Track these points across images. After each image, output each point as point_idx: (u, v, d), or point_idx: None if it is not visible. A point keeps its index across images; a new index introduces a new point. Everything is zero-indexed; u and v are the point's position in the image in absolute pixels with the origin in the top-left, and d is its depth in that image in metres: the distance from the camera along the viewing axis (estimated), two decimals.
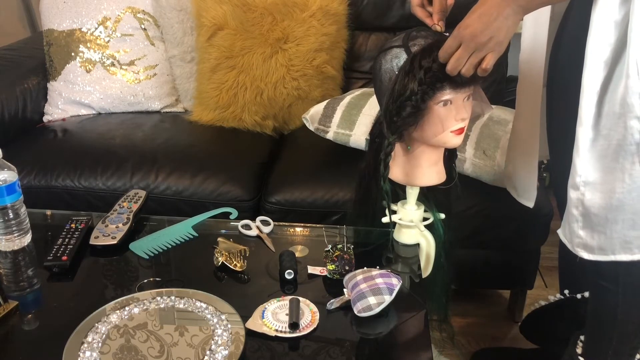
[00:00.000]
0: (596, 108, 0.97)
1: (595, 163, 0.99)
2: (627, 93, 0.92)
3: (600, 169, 0.99)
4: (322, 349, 0.95)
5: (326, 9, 1.88)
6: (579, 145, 0.99)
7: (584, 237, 1.05)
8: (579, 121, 0.99)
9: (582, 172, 1.01)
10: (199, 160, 1.69)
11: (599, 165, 0.99)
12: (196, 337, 0.95)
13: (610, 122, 0.96)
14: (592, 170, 1.00)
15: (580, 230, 1.05)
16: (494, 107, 1.26)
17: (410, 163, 1.15)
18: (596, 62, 0.95)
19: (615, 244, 1.02)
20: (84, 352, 0.91)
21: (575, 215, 1.04)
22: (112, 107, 1.99)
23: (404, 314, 1.03)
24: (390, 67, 1.06)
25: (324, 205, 1.59)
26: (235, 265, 1.13)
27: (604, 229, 1.02)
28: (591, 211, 1.02)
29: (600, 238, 1.03)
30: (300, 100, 1.92)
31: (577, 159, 1.00)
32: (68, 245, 1.17)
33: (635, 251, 1.02)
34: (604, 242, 1.03)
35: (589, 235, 1.04)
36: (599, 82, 0.96)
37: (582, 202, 1.02)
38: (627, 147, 0.95)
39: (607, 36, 0.94)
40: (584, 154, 1.00)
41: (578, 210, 1.04)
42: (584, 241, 1.05)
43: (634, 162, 0.96)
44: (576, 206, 1.04)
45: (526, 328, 1.56)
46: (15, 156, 1.33)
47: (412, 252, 1.21)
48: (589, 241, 1.05)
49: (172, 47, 1.98)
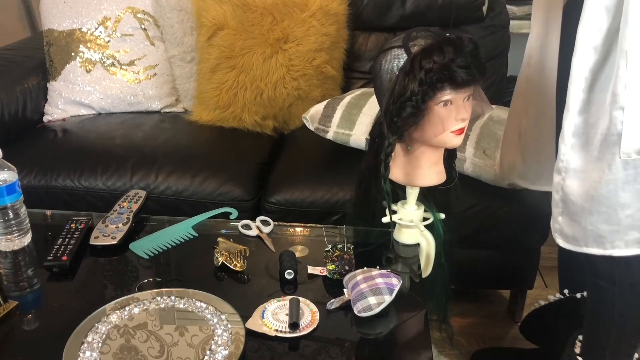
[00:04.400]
0: (585, 94, 0.97)
1: (579, 150, 1.00)
2: (616, 83, 0.93)
3: (583, 156, 1.00)
4: (322, 349, 0.95)
5: (326, 9, 1.88)
6: (564, 131, 1.00)
7: (561, 224, 1.06)
8: (566, 107, 0.99)
9: (565, 157, 1.01)
10: (199, 160, 1.69)
11: (582, 153, 1.00)
12: (196, 337, 0.95)
13: (599, 110, 0.96)
14: (575, 157, 1.01)
15: (560, 216, 1.06)
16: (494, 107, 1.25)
17: (410, 163, 1.15)
18: (586, 47, 0.96)
19: (589, 235, 1.02)
20: (84, 352, 0.91)
21: (556, 200, 1.05)
22: (112, 107, 1.99)
23: (404, 314, 1.03)
24: (390, 68, 1.06)
25: (324, 205, 1.59)
26: (235, 265, 1.13)
27: (580, 218, 1.02)
28: (570, 198, 1.03)
29: (575, 227, 1.03)
30: (300, 100, 1.92)
31: (562, 144, 1.01)
32: (68, 245, 1.17)
33: (607, 246, 1.02)
34: (578, 232, 1.03)
35: (566, 223, 1.05)
36: (587, 67, 0.97)
37: (562, 187, 1.03)
38: (610, 137, 0.95)
39: (597, 22, 0.94)
40: (568, 140, 1.00)
41: (558, 194, 1.05)
42: (561, 227, 1.06)
43: (614, 153, 0.96)
44: (557, 190, 1.05)
45: (526, 328, 1.56)
46: (15, 156, 1.33)
47: (412, 252, 1.21)
48: (565, 228, 1.05)
49: (172, 47, 1.98)
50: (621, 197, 0.97)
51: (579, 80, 0.97)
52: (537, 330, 1.52)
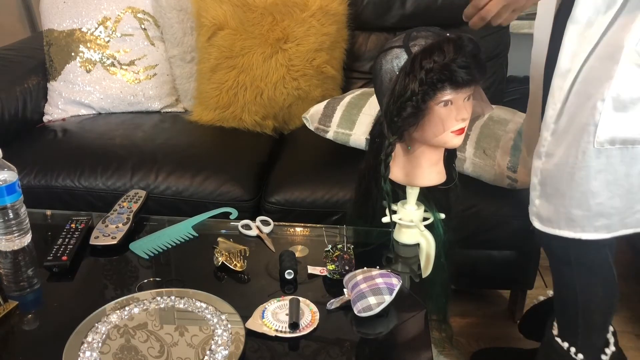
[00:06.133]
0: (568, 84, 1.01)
1: (559, 137, 1.04)
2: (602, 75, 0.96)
3: (561, 142, 1.03)
4: (322, 349, 0.95)
5: (326, 9, 1.88)
6: (547, 117, 1.04)
7: (537, 206, 1.10)
8: (550, 93, 1.03)
9: (546, 142, 1.06)
10: (199, 160, 1.69)
11: (561, 140, 1.03)
12: (196, 337, 0.95)
13: (578, 100, 1.00)
14: (555, 142, 1.04)
15: (537, 199, 1.10)
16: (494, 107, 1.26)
17: (410, 163, 1.15)
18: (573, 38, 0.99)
19: (561, 218, 1.07)
20: (84, 352, 0.91)
21: (534, 183, 1.09)
22: (112, 107, 1.99)
23: (404, 314, 1.03)
24: (390, 68, 1.06)
25: (324, 205, 1.59)
26: (235, 265, 1.13)
27: (555, 201, 1.06)
28: (547, 181, 1.07)
29: (549, 210, 1.08)
30: (300, 100, 1.92)
31: (544, 130, 1.06)
32: (68, 245, 1.17)
33: (578, 230, 1.06)
34: (552, 214, 1.08)
35: (542, 205, 1.09)
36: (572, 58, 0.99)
37: (540, 171, 1.08)
38: (587, 127, 0.99)
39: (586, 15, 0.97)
40: (549, 126, 1.04)
41: (537, 178, 1.09)
42: (537, 210, 1.10)
43: (589, 141, 0.99)
44: (535, 174, 1.09)
45: (524, 326, 1.57)
46: (15, 156, 1.33)
47: (412, 252, 1.21)
48: (541, 211, 1.10)
49: (172, 47, 1.98)
50: (592, 184, 1.02)
51: (565, 71, 1.01)
52: (535, 328, 1.53)
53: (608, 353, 1.22)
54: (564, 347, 1.21)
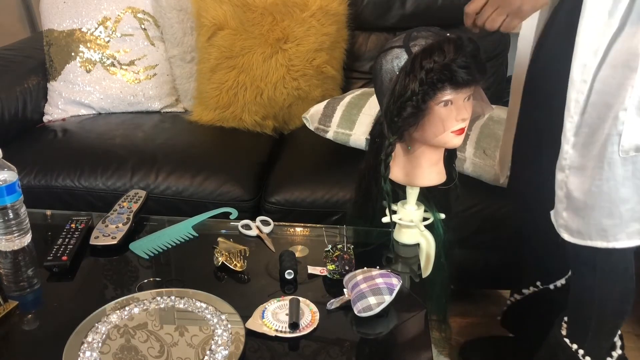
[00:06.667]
0: (584, 96, 1.00)
1: (580, 149, 1.03)
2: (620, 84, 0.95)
3: (584, 155, 1.03)
4: (322, 349, 0.95)
5: (326, 9, 1.88)
6: (566, 130, 1.03)
7: (566, 219, 1.09)
8: (566, 107, 1.02)
9: (567, 155, 1.04)
10: (199, 160, 1.69)
11: (583, 151, 1.03)
12: (196, 337, 0.95)
13: (597, 111, 0.99)
14: (577, 155, 1.03)
15: (564, 212, 1.09)
16: (494, 107, 1.26)
17: (410, 163, 1.15)
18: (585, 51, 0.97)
19: (592, 230, 1.06)
20: (84, 352, 0.91)
21: (560, 196, 1.08)
22: (112, 107, 1.99)
23: (404, 314, 1.03)
24: (390, 68, 1.06)
25: (324, 205, 1.59)
26: (235, 265, 1.13)
27: (583, 214, 1.05)
28: (573, 194, 1.06)
29: (579, 222, 1.06)
30: (300, 100, 1.92)
31: (564, 143, 1.04)
32: (68, 245, 1.17)
33: (610, 239, 1.05)
34: (582, 226, 1.06)
35: (570, 218, 1.08)
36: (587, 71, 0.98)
37: (565, 184, 1.06)
38: (611, 137, 0.98)
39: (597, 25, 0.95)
40: (569, 139, 1.03)
41: (562, 191, 1.08)
42: (566, 223, 1.09)
43: (613, 151, 0.99)
44: (560, 187, 1.08)
45: (505, 321, 1.59)
46: (15, 156, 1.33)
47: (412, 252, 1.21)
48: (570, 223, 1.08)
49: (172, 47, 1.98)
50: (621, 192, 1.01)
51: (578, 83, 0.99)
52: (516, 322, 1.56)
53: (614, 356, 1.21)
54: (573, 349, 1.20)
